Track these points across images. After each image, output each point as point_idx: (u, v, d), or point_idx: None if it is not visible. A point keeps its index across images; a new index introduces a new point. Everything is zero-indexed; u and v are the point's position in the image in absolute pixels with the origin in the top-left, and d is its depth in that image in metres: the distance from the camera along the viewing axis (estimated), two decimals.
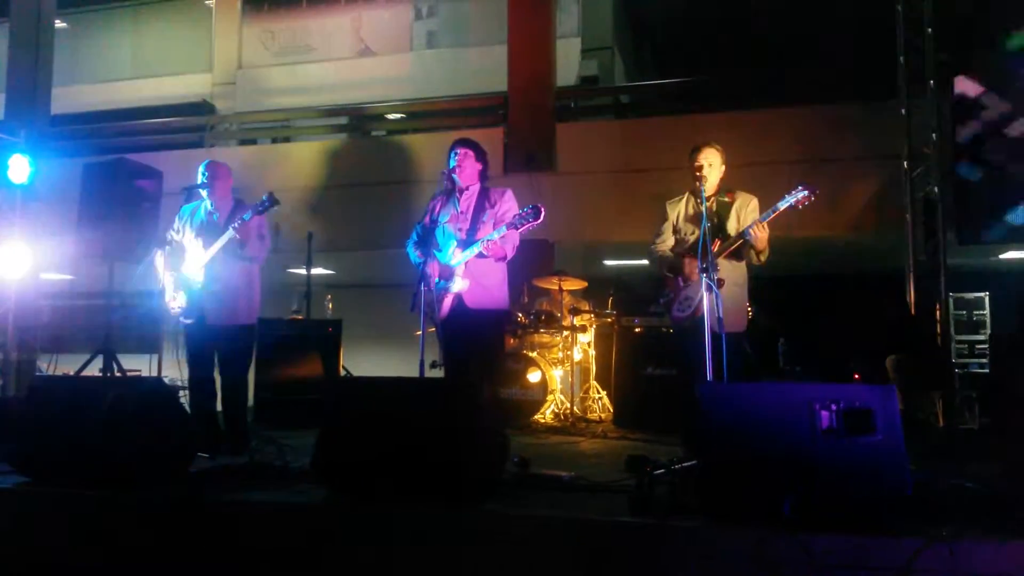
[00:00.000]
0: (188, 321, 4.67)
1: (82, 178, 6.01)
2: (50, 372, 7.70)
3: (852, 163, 7.41)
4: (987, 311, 6.67)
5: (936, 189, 6.93)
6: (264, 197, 4.55)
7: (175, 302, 4.67)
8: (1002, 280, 7.44)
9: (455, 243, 4.30)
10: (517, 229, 4.10)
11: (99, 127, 11.31)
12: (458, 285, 4.24)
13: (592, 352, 7.22)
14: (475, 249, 4.18)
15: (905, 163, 7.08)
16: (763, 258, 4.26)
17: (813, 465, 2.78)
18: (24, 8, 9.41)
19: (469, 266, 4.24)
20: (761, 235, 4.14)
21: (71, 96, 12.15)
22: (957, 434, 5.80)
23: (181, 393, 4.75)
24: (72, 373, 5.60)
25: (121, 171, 5.84)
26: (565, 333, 6.97)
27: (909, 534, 2.60)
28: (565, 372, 7.01)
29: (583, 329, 7.09)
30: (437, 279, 4.28)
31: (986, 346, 6.53)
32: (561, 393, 6.83)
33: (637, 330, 6.56)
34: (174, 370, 5.14)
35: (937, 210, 6.90)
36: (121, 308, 6.15)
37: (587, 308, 7.19)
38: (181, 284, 4.67)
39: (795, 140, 7.63)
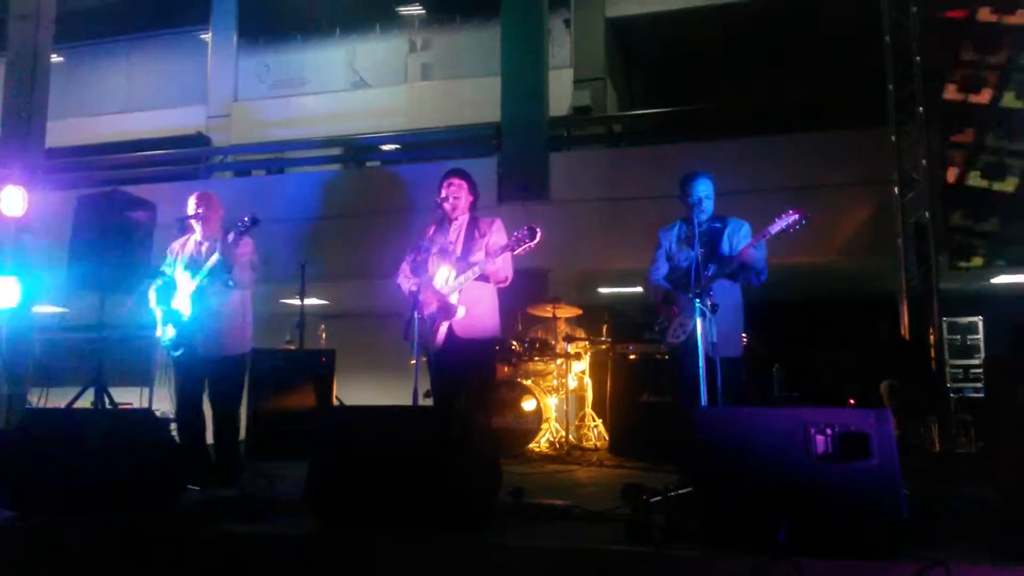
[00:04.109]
0: (177, 353, 4.64)
1: (75, 210, 6.00)
2: (41, 405, 7.63)
3: (844, 189, 7.47)
4: (980, 335, 6.67)
5: (927, 214, 6.98)
6: (245, 217, 4.52)
7: (165, 335, 4.65)
8: (995, 304, 7.45)
9: (447, 271, 4.30)
10: (514, 251, 4.11)
11: (93, 160, 11.36)
12: (453, 312, 4.23)
13: (587, 380, 7.19)
14: (470, 274, 4.19)
15: (896, 188, 7.14)
16: (762, 278, 4.24)
17: (809, 490, 2.76)
18: (20, 42, 9.48)
19: (463, 292, 4.24)
20: (756, 254, 4.14)
21: (66, 129, 12.19)
22: (953, 458, 5.77)
23: (172, 425, 4.70)
24: (63, 406, 5.55)
25: (114, 203, 5.83)
26: (560, 361, 6.95)
27: (905, 559, 2.58)
28: (560, 400, 6.98)
29: (578, 357, 7.07)
30: (433, 307, 4.28)
31: (980, 370, 6.51)
32: (556, 421, 6.79)
33: (632, 357, 6.54)
34: (165, 403, 5.11)
35: (929, 235, 6.95)
36: (113, 341, 6.10)
37: (582, 336, 7.18)
38: (170, 316, 4.65)
39: (787, 167, 7.68)
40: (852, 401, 6.62)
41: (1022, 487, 2.81)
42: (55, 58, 10.63)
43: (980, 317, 6.70)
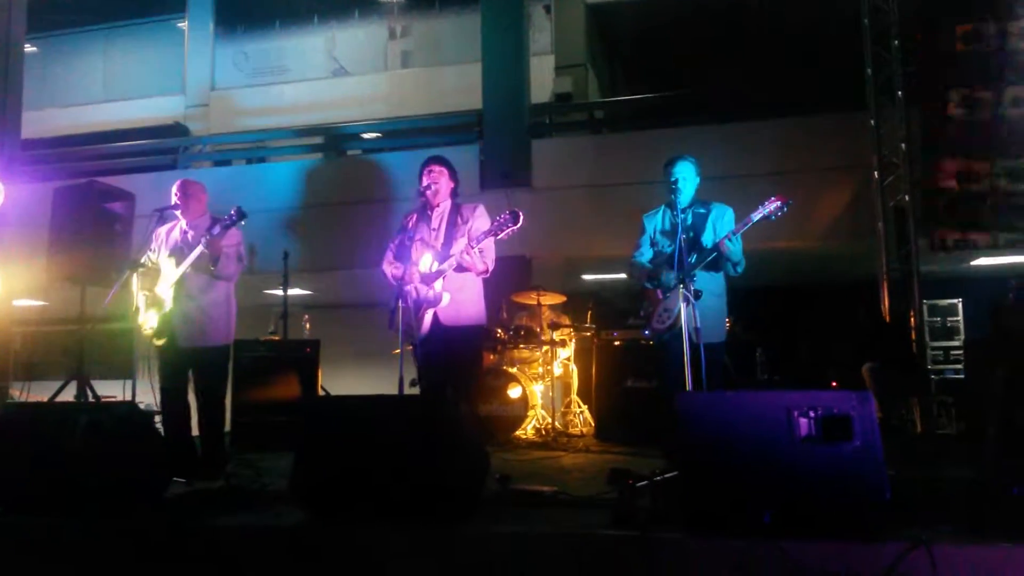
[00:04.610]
0: (160, 342, 4.60)
1: (53, 202, 5.93)
2: (22, 399, 7.57)
3: (824, 174, 7.51)
4: (960, 317, 6.76)
5: (907, 197, 7.04)
6: (231, 211, 4.49)
7: (147, 323, 4.60)
8: (974, 286, 7.53)
9: (430, 258, 4.30)
10: (497, 235, 4.11)
11: (71, 151, 11.21)
12: (438, 298, 4.23)
13: (572, 366, 7.21)
14: (452, 262, 4.18)
15: (876, 172, 7.19)
16: (739, 269, 4.30)
17: (793, 473, 2.79)
18: None
19: (446, 280, 4.24)
20: (734, 246, 4.19)
21: (42, 120, 12.05)
22: (934, 439, 5.84)
23: (156, 418, 4.67)
24: (45, 400, 5.50)
25: (92, 194, 5.77)
26: (545, 348, 6.97)
27: (888, 539, 2.61)
28: (546, 387, 6.99)
29: (563, 344, 7.09)
30: (417, 295, 4.27)
31: (961, 352, 6.59)
32: (542, 408, 6.81)
33: (616, 343, 6.57)
34: (149, 395, 5.07)
35: (908, 218, 7.00)
36: (94, 333, 6.04)
37: (567, 322, 7.19)
38: (153, 304, 4.61)
39: (768, 152, 7.71)
40: (834, 384, 6.68)
41: (1002, 466, 2.85)
42: (29, 48, 10.49)
43: (960, 299, 6.77)
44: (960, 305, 6.82)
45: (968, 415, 5.95)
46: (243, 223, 4.51)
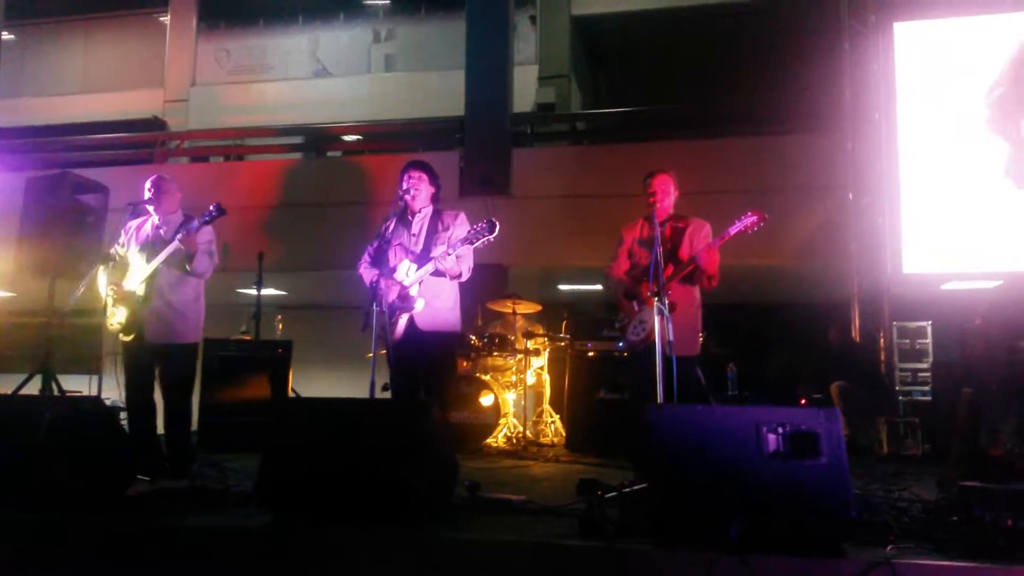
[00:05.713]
0: (127, 338, 4.53)
1: (25, 191, 5.83)
2: None
3: (800, 193, 7.58)
4: (929, 340, 6.84)
5: (881, 219, 7.13)
6: (211, 207, 4.46)
7: (114, 318, 4.54)
8: (943, 310, 7.64)
9: (408, 264, 4.28)
10: (473, 244, 4.11)
11: (45, 141, 11.06)
12: (413, 305, 4.21)
13: (546, 376, 7.21)
14: (429, 267, 4.17)
15: (851, 194, 7.27)
16: (713, 283, 4.33)
17: (760, 488, 2.80)
18: None
19: (423, 286, 4.23)
20: (711, 260, 4.22)
21: (18, 109, 11.89)
22: (900, 459, 5.90)
23: (121, 414, 4.60)
24: (9, 393, 5.39)
25: (65, 185, 5.67)
26: (519, 356, 6.96)
27: (852, 556, 2.63)
28: (518, 396, 6.98)
29: (536, 353, 7.08)
30: (392, 299, 4.25)
31: (929, 374, 6.67)
32: (514, 417, 6.80)
33: (590, 354, 6.57)
34: (116, 391, 4.99)
35: (881, 240, 7.09)
36: (62, 327, 5.95)
37: (541, 332, 7.19)
38: (121, 299, 4.54)
39: (746, 169, 7.79)
40: (803, 401, 6.73)
41: (965, 487, 2.89)
42: (7, 35, 10.35)
43: (929, 322, 6.85)
44: (929, 328, 6.90)
45: (934, 436, 6.02)
46: (221, 218, 4.49)
